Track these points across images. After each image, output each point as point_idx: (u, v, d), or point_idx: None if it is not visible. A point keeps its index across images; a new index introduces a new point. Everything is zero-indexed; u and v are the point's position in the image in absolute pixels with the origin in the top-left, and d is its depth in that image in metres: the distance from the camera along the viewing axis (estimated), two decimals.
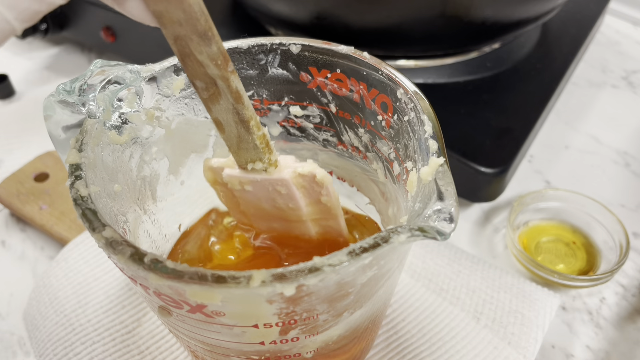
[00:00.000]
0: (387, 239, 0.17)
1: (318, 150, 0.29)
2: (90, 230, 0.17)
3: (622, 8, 0.62)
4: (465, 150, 0.36)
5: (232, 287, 0.16)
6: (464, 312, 0.31)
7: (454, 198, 0.19)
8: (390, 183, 0.25)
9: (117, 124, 0.23)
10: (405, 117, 0.23)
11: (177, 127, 0.26)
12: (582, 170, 0.44)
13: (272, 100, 0.27)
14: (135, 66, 0.24)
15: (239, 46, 0.25)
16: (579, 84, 0.53)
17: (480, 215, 0.40)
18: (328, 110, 0.27)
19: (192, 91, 0.25)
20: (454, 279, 0.33)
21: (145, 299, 0.20)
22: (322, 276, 0.16)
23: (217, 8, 0.49)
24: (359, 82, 0.25)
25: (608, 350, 0.32)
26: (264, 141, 0.22)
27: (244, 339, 0.19)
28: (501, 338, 0.30)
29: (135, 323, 0.31)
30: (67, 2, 0.26)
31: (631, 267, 0.37)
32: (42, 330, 0.31)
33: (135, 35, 0.48)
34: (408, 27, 0.37)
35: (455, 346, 0.29)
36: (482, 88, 0.42)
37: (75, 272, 0.33)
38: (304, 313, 0.18)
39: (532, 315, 0.31)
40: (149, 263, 0.16)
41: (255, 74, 0.26)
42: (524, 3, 0.37)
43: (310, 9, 0.37)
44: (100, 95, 0.22)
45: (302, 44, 0.25)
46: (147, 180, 0.25)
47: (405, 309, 0.31)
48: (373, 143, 0.26)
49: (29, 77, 0.55)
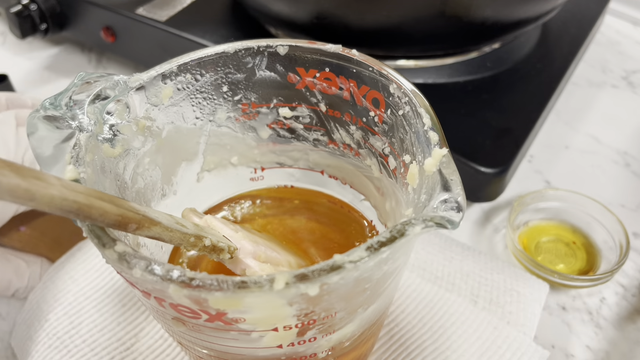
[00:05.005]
0: (403, 232, 0.17)
1: (309, 150, 0.29)
2: (100, 247, 0.17)
3: (622, 8, 0.62)
4: (465, 150, 0.36)
5: (255, 291, 0.16)
6: (461, 297, 0.32)
7: (460, 187, 0.19)
8: (386, 178, 0.26)
9: (109, 137, 0.22)
10: (400, 112, 0.23)
11: (167, 135, 0.25)
12: (582, 170, 0.44)
13: (261, 103, 0.27)
14: (122, 76, 0.23)
15: (225, 50, 0.25)
16: (579, 84, 0.53)
17: (480, 215, 0.40)
18: (318, 109, 0.27)
19: (180, 98, 0.25)
20: (447, 266, 0.33)
21: (156, 312, 0.20)
22: (344, 273, 0.16)
23: (217, 8, 0.49)
24: (348, 80, 0.25)
25: (608, 350, 0.32)
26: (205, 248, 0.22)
27: (261, 343, 0.19)
28: (500, 318, 0.31)
29: (133, 339, 0.30)
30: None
31: (631, 267, 0.37)
32: (35, 355, 0.30)
33: (135, 35, 0.48)
34: (408, 27, 0.37)
35: (456, 332, 0.30)
36: (482, 88, 0.42)
37: (65, 292, 0.32)
38: (322, 312, 0.18)
39: (527, 291, 0.32)
40: (167, 274, 0.16)
41: (243, 78, 0.26)
42: (524, 3, 0.37)
43: (310, 9, 0.37)
44: (90, 107, 0.22)
45: (289, 45, 0.25)
46: (141, 193, 0.25)
47: (403, 300, 0.32)
48: (366, 139, 0.26)
49: (29, 77, 0.55)
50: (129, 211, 0.18)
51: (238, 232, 0.24)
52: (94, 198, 0.17)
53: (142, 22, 0.47)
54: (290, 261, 0.25)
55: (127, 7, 0.48)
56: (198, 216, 0.24)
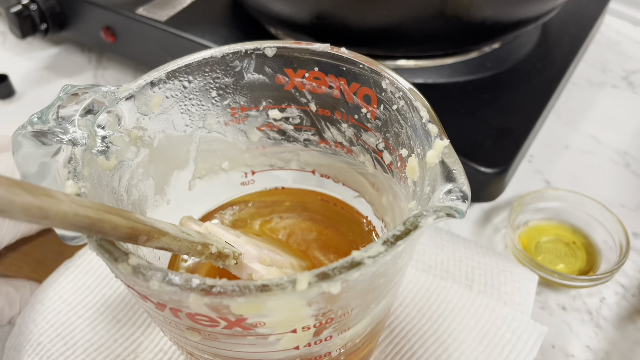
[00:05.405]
0: (417, 224, 0.17)
1: (299, 150, 0.29)
2: (111, 262, 0.17)
3: (622, 8, 0.62)
4: (465, 150, 0.36)
5: (278, 294, 0.16)
6: (456, 283, 0.32)
7: (463, 176, 0.19)
8: (381, 173, 0.26)
9: (103, 149, 0.22)
10: (394, 106, 0.23)
11: (158, 145, 0.25)
12: (582, 170, 0.44)
13: (250, 107, 0.27)
14: (110, 87, 0.23)
15: (212, 55, 0.25)
16: (579, 84, 0.53)
17: (480, 215, 0.40)
18: (308, 109, 0.27)
19: (170, 106, 0.25)
20: (440, 254, 0.34)
21: (168, 324, 0.19)
22: (364, 269, 0.16)
23: (217, 8, 0.48)
24: (338, 78, 0.25)
25: (608, 350, 0.32)
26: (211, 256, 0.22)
27: (278, 346, 0.19)
28: (496, 299, 0.31)
29: (131, 355, 0.29)
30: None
31: (631, 267, 0.37)
32: None
33: (135, 35, 0.48)
34: (408, 27, 0.37)
35: (455, 318, 0.30)
36: (482, 88, 0.42)
37: (56, 313, 0.31)
38: (340, 310, 0.18)
39: (519, 271, 0.32)
40: (186, 284, 0.16)
41: (231, 82, 0.26)
42: (524, 3, 0.38)
43: (310, 9, 0.36)
44: (82, 120, 0.21)
45: (277, 46, 0.25)
46: (137, 204, 0.24)
47: (400, 293, 0.32)
48: (358, 136, 0.26)
49: (29, 77, 0.55)
50: (137, 223, 0.17)
51: (240, 237, 0.24)
52: (103, 212, 0.16)
53: (142, 22, 0.46)
54: (293, 263, 0.25)
55: (127, 7, 0.48)
56: (197, 224, 0.24)
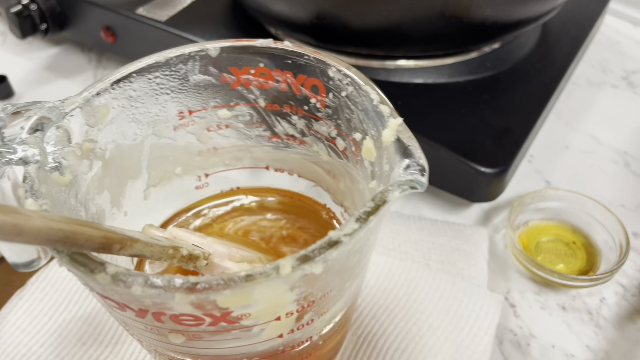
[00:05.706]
0: (384, 199, 0.18)
1: (251, 147, 0.29)
2: (87, 274, 0.16)
3: (622, 8, 0.62)
4: (465, 150, 0.36)
5: (263, 281, 0.16)
6: (415, 263, 0.34)
7: (419, 150, 0.20)
8: (336, 160, 0.27)
9: (55, 165, 0.21)
10: (343, 93, 0.24)
11: (110, 156, 0.24)
12: (582, 170, 0.44)
13: (198, 109, 0.27)
14: (54, 102, 0.22)
15: (157, 60, 0.25)
16: (579, 84, 0.53)
17: (480, 215, 0.40)
18: (257, 106, 0.27)
19: (117, 115, 0.24)
20: (396, 237, 0.35)
21: (149, 331, 0.19)
22: (341, 247, 0.17)
23: (217, 8, 0.48)
24: (283, 72, 0.25)
25: (608, 350, 0.32)
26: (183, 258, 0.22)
27: (262, 336, 0.19)
28: (454, 275, 0.33)
29: None
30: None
31: (631, 267, 0.37)
32: None
33: (136, 35, 0.47)
34: (408, 27, 0.37)
35: (420, 294, 0.32)
36: (482, 88, 0.42)
37: (15, 345, 0.29)
38: (319, 292, 0.19)
39: (471, 249, 0.34)
40: (169, 284, 0.16)
41: (177, 85, 0.26)
42: (524, 3, 0.38)
43: (310, 9, 0.36)
44: (31, 138, 0.20)
45: (220, 46, 0.25)
46: (95, 218, 0.23)
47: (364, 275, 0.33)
48: (309, 127, 0.27)
49: (28, 77, 0.54)
50: (109, 232, 0.17)
51: (206, 238, 0.24)
52: (74, 224, 0.16)
53: (142, 22, 0.46)
54: (261, 258, 0.26)
55: (127, 7, 0.47)
56: (160, 231, 0.24)
